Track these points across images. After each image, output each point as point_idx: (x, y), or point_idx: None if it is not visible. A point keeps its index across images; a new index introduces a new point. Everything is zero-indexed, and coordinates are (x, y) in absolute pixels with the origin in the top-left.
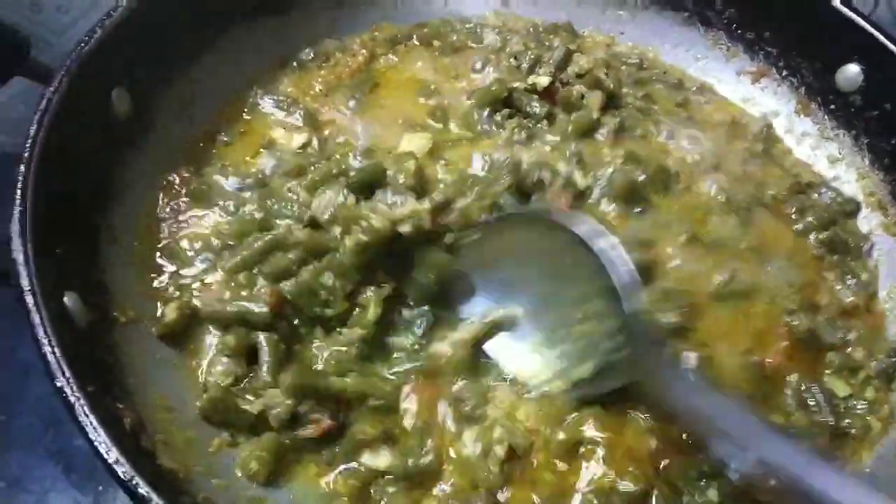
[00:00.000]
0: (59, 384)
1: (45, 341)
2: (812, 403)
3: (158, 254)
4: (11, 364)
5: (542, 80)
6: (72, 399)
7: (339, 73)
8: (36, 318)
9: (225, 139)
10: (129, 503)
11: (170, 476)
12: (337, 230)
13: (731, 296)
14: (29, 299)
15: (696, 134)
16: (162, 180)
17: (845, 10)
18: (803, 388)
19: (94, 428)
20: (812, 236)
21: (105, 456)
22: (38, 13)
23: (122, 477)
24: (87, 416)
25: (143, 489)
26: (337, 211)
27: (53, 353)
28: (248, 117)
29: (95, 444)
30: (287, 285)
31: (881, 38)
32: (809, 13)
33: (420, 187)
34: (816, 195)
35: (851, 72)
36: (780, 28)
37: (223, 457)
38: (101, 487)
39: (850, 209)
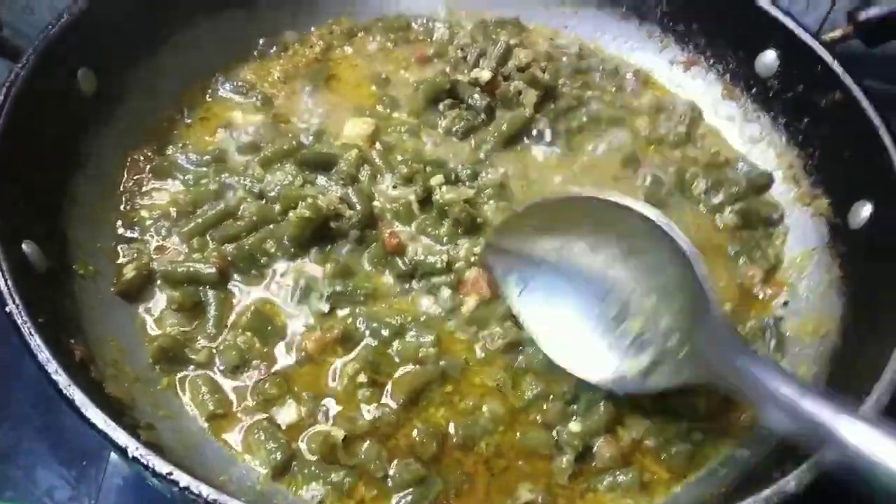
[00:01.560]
0: (8, 309)
1: None
2: None
3: (120, 221)
4: (4, 344)
5: (484, 75)
6: (19, 321)
7: (296, 62)
8: None
9: (187, 121)
10: (113, 479)
11: (115, 402)
12: (278, 206)
13: None
14: None
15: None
16: (127, 157)
17: (761, 1)
18: None
19: (38, 346)
20: (727, 210)
21: (46, 368)
22: (31, 14)
23: (61, 388)
24: (31, 335)
25: (79, 398)
26: (283, 189)
27: (6, 283)
28: (209, 100)
29: (38, 358)
30: (231, 248)
31: (792, 25)
32: (731, 6)
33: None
34: (732, 171)
35: (769, 58)
36: (706, 20)
37: (170, 395)
38: (84, 463)
39: (764, 182)
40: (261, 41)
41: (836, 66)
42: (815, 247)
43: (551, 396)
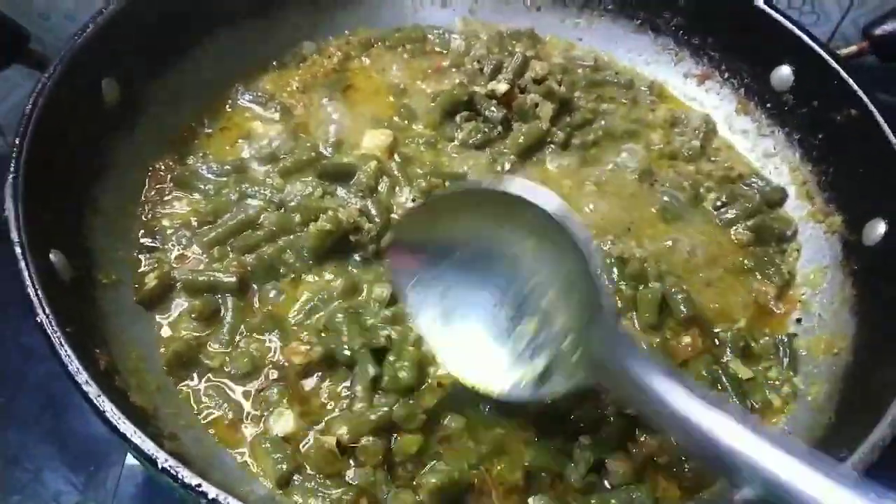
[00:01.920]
0: (38, 319)
1: (30, 283)
2: (723, 383)
3: (142, 231)
4: (14, 348)
5: (501, 87)
6: (49, 331)
7: (315, 72)
8: (22, 265)
9: (207, 131)
10: (120, 482)
11: (140, 411)
12: (297, 217)
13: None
14: (18, 250)
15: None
16: (148, 167)
17: (777, 14)
18: (712, 368)
19: (69, 356)
20: (740, 225)
21: (76, 378)
22: (47, 20)
23: (91, 398)
24: (62, 345)
25: (109, 410)
26: (304, 200)
27: (37, 294)
28: (230, 111)
29: (69, 369)
30: (251, 258)
31: (807, 40)
32: (746, 20)
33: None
34: (746, 186)
35: (784, 73)
36: (721, 34)
37: (190, 403)
38: (92, 468)
39: (778, 197)
40: (282, 53)
41: (852, 83)
42: (829, 264)
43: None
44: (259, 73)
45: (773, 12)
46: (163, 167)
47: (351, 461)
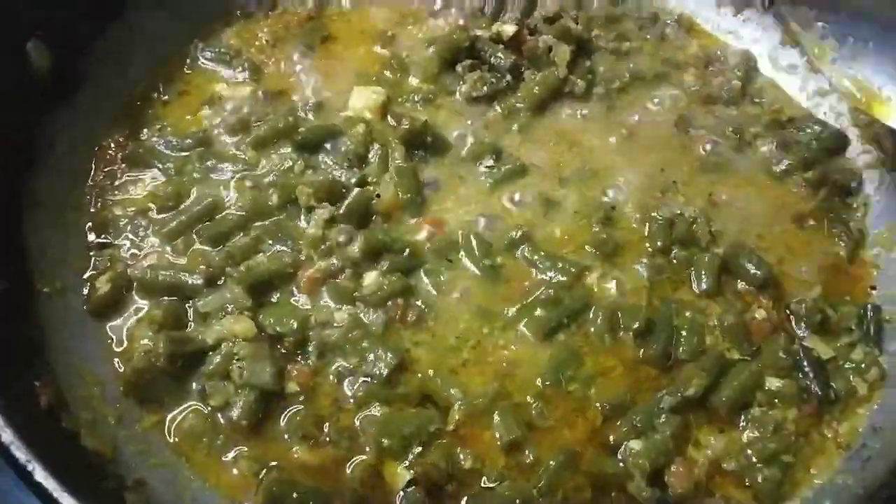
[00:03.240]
0: None
1: None
2: (802, 366)
3: (89, 224)
4: None
5: (508, 29)
6: None
7: (286, 21)
8: None
9: (164, 98)
10: None
11: (93, 459)
12: (275, 197)
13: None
14: None
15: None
16: (94, 144)
17: None
18: (790, 349)
19: None
20: (797, 176)
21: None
22: None
23: (20, 462)
24: None
25: (40, 475)
26: (281, 176)
27: None
28: (189, 72)
29: None
30: (220, 254)
31: None
32: None
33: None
34: (800, 132)
35: None
36: None
37: (157, 434)
38: None
39: (838, 143)
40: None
41: None
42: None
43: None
44: (221, 26)
45: None
46: (112, 144)
47: None
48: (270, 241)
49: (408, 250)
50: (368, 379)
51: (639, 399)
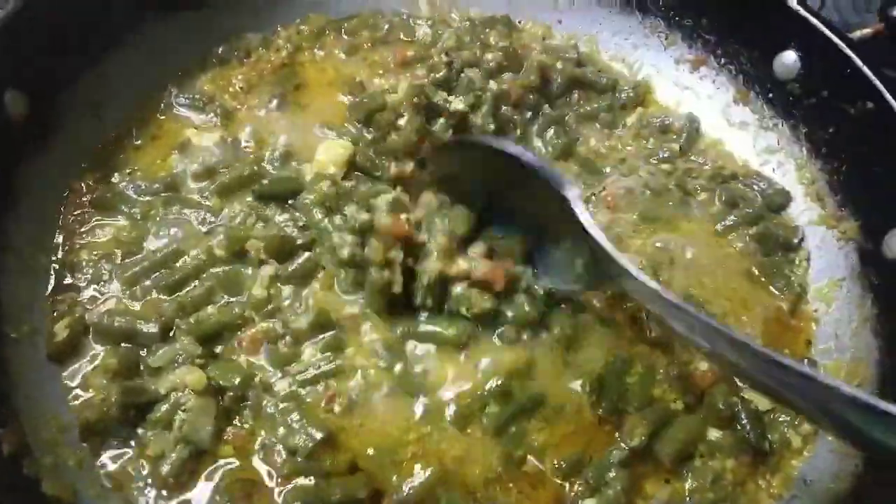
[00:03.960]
0: None
1: None
2: (740, 418)
3: (56, 266)
4: None
5: (458, 105)
6: None
7: (261, 68)
8: None
9: (136, 142)
10: None
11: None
12: (222, 248)
13: None
14: None
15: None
16: (65, 188)
17: None
18: (730, 400)
19: None
20: (739, 231)
21: None
22: None
23: None
24: None
25: None
26: (230, 229)
27: None
28: (162, 117)
29: None
30: (172, 303)
31: (816, 23)
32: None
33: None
34: (745, 187)
35: (789, 59)
36: (717, 15)
37: (119, 478)
38: None
39: (781, 201)
40: (222, 47)
41: (867, 71)
42: (844, 276)
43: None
44: (196, 73)
45: None
46: (83, 188)
47: None
48: (222, 293)
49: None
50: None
51: (595, 456)
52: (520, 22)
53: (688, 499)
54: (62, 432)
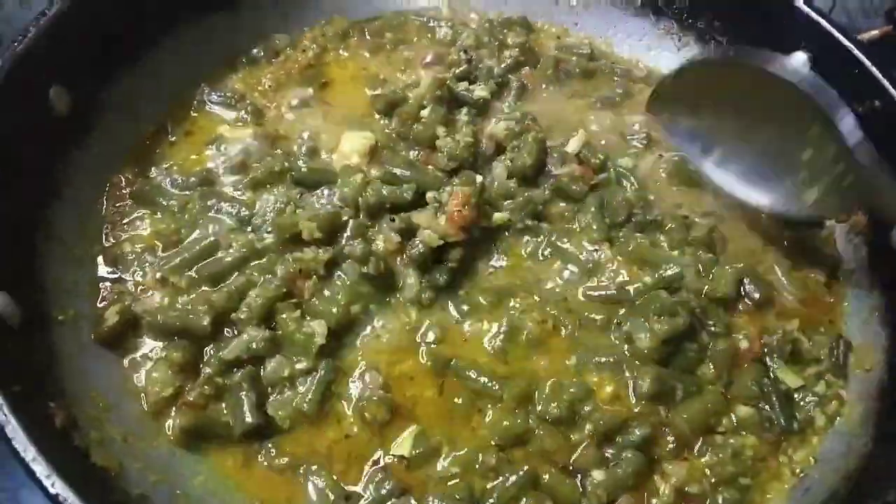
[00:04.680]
0: None
1: None
2: (770, 397)
3: (101, 258)
4: None
5: (482, 93)
6: None
7: (288, 68)
8: None
9: (171, 139)
10: None
11: (101, 474)
12: (270, 238)
13: None
14: None
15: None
16: (106, 181)
17: None
18: (761, 380)
19: (14, 427)
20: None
21: (22, 455)
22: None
23: (39, 476)
24: (6, 415)
25: (59, 487)
26: (276, 216)
27: None
28: (195, 114)
29: (13, 441)
30: (217, 295)
31: (826, 25)
32: (757, 1)
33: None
34: None
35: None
36: (729, 17)
37: (164, 453)
38: None
39: None
40: (251, 48)
41: (876, 71)
42: (854, 268)
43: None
44: (227, 72)
45: None
46: (122, 181)
47: None
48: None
49: None
50: None
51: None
52: (537, 24)
53: (707, 472)
54: (107, 411)
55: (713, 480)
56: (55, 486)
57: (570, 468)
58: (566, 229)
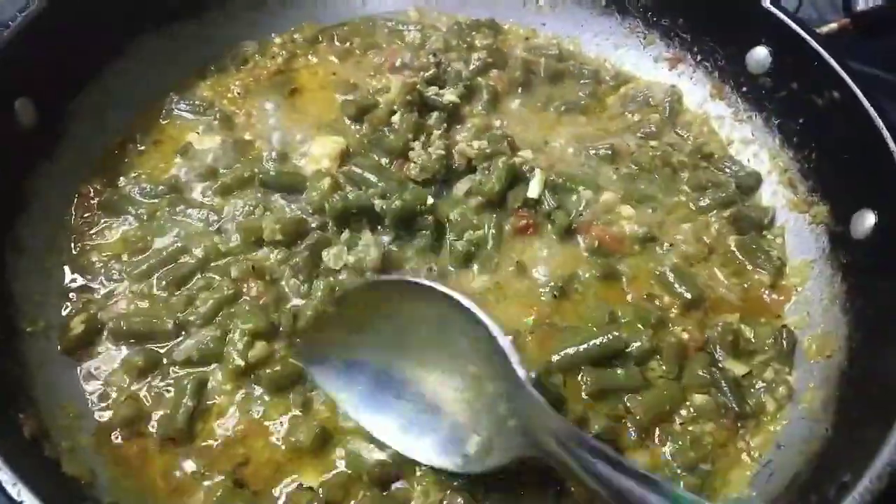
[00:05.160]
0: None
1: None
2: (720, 384)
3: (68, 267)
4: None
5: (450, 97)
6: None
7: (257, 75)
8: None
9: (140, 148)
10: None
11: (73, 483)
12: (237, 238)
13: None
14: None
15: None
16: (74, 192)
17: None
18: (710, 368)
19: None
20: (715, 213)
21: None
22: None
23: (4, 485)
24: None
25: (25, 496)
26: (243, 219)
27: None
28: (164, 122)
29: None
30: (180, 298)
31: (785, 19)
32: None
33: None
34: (719, 171)
35: (760, 54)
36: (692, 14)
37: (134, 461)
38: None
39: (752, 183)
40: (220, 55)
41: (834, 63)
42: (815, 258)
43: None
44: (196, 80)
45: None
46: (91, 191)
47: None
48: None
49: None
50: None
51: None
52: (505, 25)
53: (670, 458)
54: (78, 419)
55: (675, 468)
56: (20, 494)
57: None
58: None
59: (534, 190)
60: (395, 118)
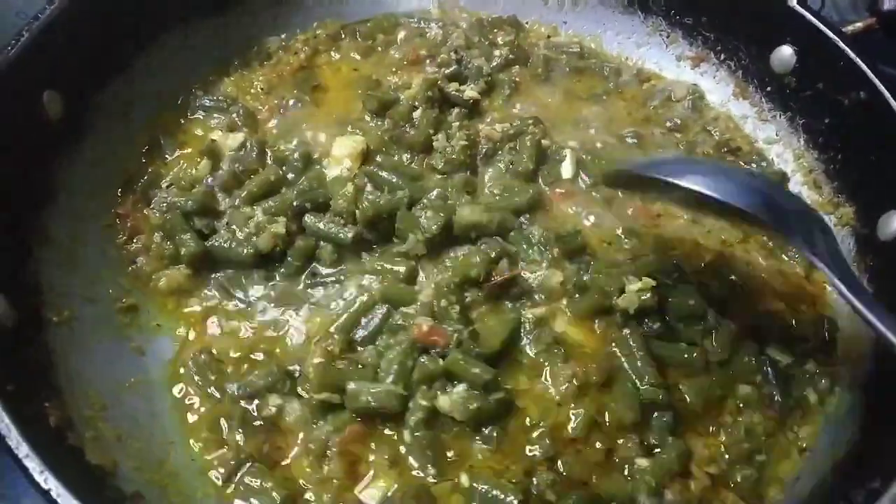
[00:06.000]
0: None
1: None
2: (766, 373)
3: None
4: None
5: (471, 94)
6: None
7: (280, 71)
8: None
9: (166, 156)
10: None
11: (96, 472)
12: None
13: None
14: None
15: None
16: (98, 185)
17: None
18: (757, 357)
19: (7, 426)
20: None
21: (15, 451)
22: None
23: (32, 472)
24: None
25: (52, 485)
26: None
27: None
28: (192, 116)
29: (6, 439)
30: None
31: (811, 18)
32: None
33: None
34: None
35: (785, 53)
36: (716, 13)
37: (156, 451)
38: None
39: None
40: (243, 51)
41: (860, 63)
42: None
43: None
44: (219, 75)
45: None
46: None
47: None
48: None
49: None
50: None
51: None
52: (526, 23)
53: (723, 450)
54: (102, 410)
55: (729, 458)
56: (48, 481)
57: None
58: None
59: (567, 170)
60: (417, 114)
